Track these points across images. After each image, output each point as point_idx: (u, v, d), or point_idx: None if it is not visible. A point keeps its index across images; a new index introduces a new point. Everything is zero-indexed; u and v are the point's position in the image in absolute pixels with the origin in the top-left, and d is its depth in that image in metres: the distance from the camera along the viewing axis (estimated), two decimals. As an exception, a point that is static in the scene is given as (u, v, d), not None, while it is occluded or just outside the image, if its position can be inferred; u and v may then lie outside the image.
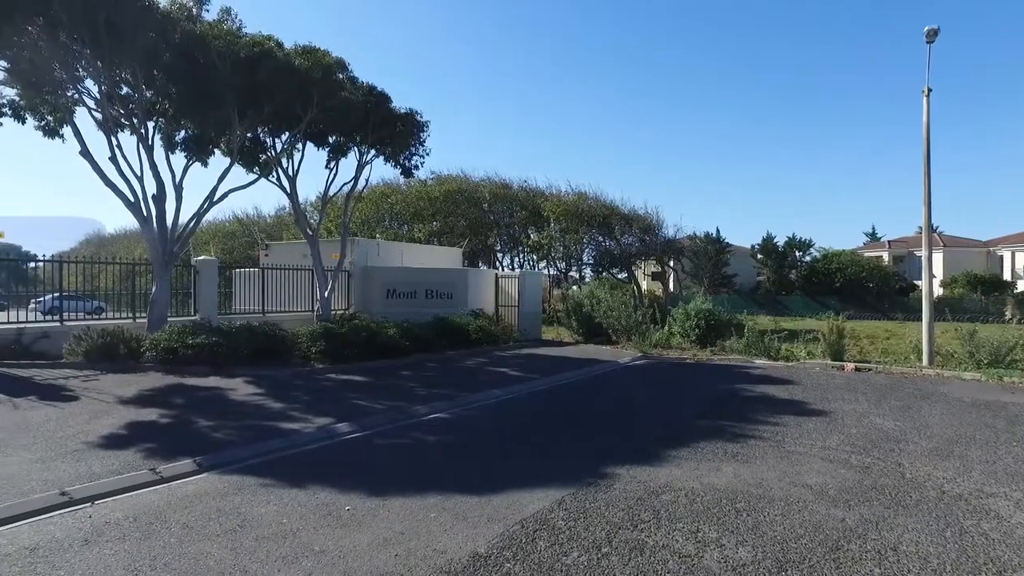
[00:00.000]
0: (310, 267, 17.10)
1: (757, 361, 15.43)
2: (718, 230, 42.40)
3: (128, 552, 4.13)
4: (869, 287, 41.77)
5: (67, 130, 13.01)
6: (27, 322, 13.01)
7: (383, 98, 15.98)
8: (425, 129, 17.35)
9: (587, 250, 32.10)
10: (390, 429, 7.93)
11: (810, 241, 46.04)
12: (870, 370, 13.76)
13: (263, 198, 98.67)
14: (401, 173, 18.19)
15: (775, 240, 46.14)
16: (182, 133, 14.59)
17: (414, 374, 12.32)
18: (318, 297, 16.79)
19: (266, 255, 20.24)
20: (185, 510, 4.89)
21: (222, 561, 4.00)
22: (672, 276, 35.23)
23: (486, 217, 32.11)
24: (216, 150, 15.11)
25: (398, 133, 16.71)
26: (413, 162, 17.72)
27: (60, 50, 11.72)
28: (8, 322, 12.83)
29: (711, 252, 37.73)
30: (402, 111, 16.72)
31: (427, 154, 17.82)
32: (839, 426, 8.14)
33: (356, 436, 7.52)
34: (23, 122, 12.90)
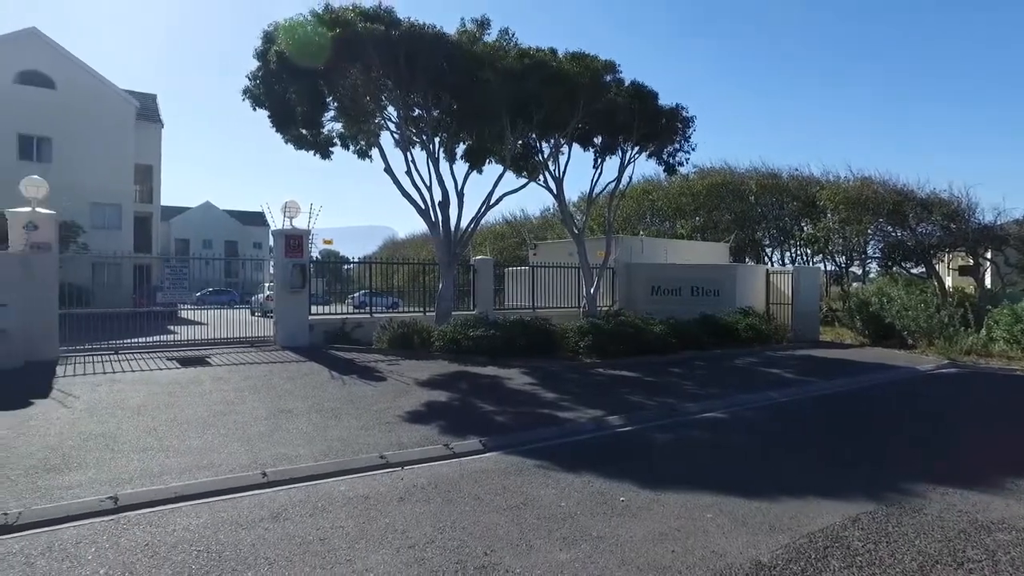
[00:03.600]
0: (576, 265, 17.78)
1: None
2: (1060, 210, 34.07)
3: (433, 513, 4.70)
4: None
5: (374, 152, 15.32)
6: (347, 314, 16.24)
7: (648, 96, 15.82)
8: (691, 124, 16.80)
9: (872, 242, 28.19)
10: (661, 425, 7.88)
11: None
12: None
13: (529, 200, 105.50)
14: (664, 170, 17.90)
15: None
16: (462, 145, 16.18)
17: (682, 371, 12.05)
18: (584, 293, 17.36)
19: (534, 254, 21.56)
20: (475, 484, 5.41)
21: (510, 533, 4.33)
22: (990, 270, 29.25)
23: (753, 210, 30.09)
24: (491, 158, 16.47)
25: (662, 129, 16.45)
26: (678, 158, 17.28)
27: (371, 85, 13.84)
28: (335, 314, 16.10)
29: (1051, 238, 30.49)
30: (666, 107, 16.40)
31: (693, 149, 17.20)
32: None
33: (627, 430, 7.61)
34: (347, 148, 15.54)
